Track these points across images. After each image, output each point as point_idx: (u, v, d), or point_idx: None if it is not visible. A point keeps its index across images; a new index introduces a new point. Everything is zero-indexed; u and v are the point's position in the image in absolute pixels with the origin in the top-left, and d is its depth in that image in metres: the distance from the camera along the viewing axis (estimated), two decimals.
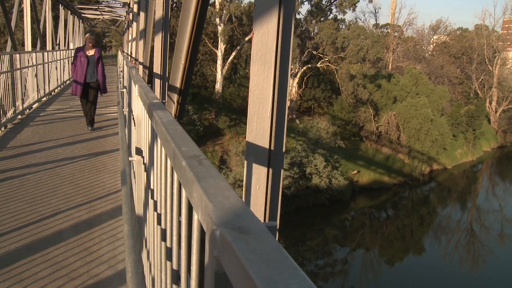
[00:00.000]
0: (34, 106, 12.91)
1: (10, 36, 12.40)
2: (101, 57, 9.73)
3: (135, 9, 17.11)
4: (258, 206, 2.14)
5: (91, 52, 9.55)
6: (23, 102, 11.43)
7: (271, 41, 2.04)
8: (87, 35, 9.75)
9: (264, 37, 2.04)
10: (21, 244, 4.19)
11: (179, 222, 1.46)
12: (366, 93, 39.63)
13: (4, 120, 9.47)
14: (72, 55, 11.55)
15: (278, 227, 2.31)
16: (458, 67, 57.62)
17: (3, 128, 9.39)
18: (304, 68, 41.54)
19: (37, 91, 13.34)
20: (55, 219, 4.77)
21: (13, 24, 13.89)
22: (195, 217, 1.05)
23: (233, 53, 40.30)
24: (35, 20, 16.63)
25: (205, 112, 38.59)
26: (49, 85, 15.50)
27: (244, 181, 2.16)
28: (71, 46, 28.79)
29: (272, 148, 2.12)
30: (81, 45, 9.93)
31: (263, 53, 2.05)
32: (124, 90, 7.40)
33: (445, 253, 29.51)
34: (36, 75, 13.19)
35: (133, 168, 4.02)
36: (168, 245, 1.70)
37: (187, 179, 1.05)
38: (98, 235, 4.41)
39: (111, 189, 5.70)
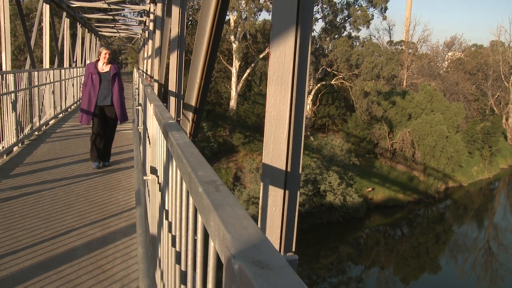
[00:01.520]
0: (51, 122, 13.05)
1: (29, 54, 12.62)
2: (118, 75, 7.79)
3: (151, 27, 17.36)
4: (274, 229, 2.11)
5: (105, 68, 7.68)
6: (40, 119, 11.56)
7: (288, 61, 2.02)
8: (101, 48, 7.87)
9: (281, 57, 2.03)
10: (35, 261, 4.18)
11: (195, 246, 1.43)
12: (380, 110, 39.46)
13: (21, 136, 9.57)
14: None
15: (294, 248, 2.27)
16: (474, 84, 57.21)
17: (20, 144, 9.48)
18: (319, 85, 41.58)
19: (53, 107, 13.50)
20: (69, 236, 4.76)
21: (32, 42, 14.14)
22: (211, 244, 1.02)
23: (248, 71, 40.54)
24: (54, 38, 16.92)
25: (219, 129, 38.72)
26: (65, 101, 15.69)
27: (260, 203, 2.13)
28: (87, 63, 29.20)
29: (289, 169, 2.09)
30: (95, 61, 7.90)
31: (280, 73, 2.04)
32: (139, 107, 7.46)
33: (462, 272, 28.95)
34: (53, 92, 13.37)
35: (147, 186, 4.01)
36: (183, 268, 1.67)
37: (204, 206, 1.02)
38: (112, 253, 4.39)
39: (125, 206, 5.69)
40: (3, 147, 8.39)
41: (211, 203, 0.96)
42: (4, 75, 8.77)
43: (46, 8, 15.48)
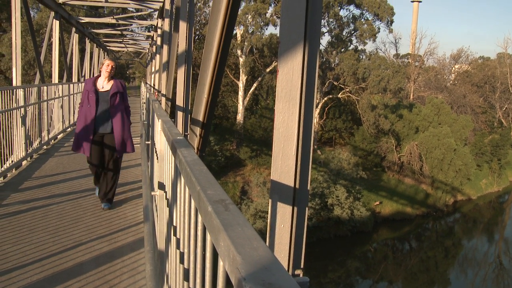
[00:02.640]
0: (59, 136, 13.13)
1: (39, 69, 12.76)
2: (121, 94, 6.21)
3: (159, 42, 17.51)
4: (282, 246, 2.10)
5: (105, 86, 6.15)
6: (48, 133, 11.64)
7: (296, 78, 2.03)
8: (105, 59, 6.52)
9: (289, 74, 2.04)
10: (42, 275, 4.19)
11: (203, 264, 1.43)
12: (387, 124, 39.40)
13: (30, 150, 9.64)
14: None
15: (302, 265, 2.26)
16: (481, 96, 57.05)
17: (29, 158, 9.54)
18: (325, 98, 41.63)
19: (62, 122, 13.59)
20: (77, 250, 4.76)
21: (42, 57, 14.30)
22: (221, 263, 1.02)
23: (255, 84, 40.73)
24: (63, 53, 17.11)
25: (226, 142, 38.81)
26: (74, 116, 15.81)
27: (268, 220, 2.13)
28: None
29: (297, 186, 2.09)
30: (97, 75, 6.43)
31: (288, 90, 2.05)
32: (147, 122, 7.48)
33: (472, 286, 28.58)
34: (61, 106, 13.47)
35: (155, 201, 4.01)
36: (191, 286, 1.66)
37: (213, 225, 1.02)
38: (119, 268, 4.38)
39: (132, 221, 5.69)
40: (12, 161, 8.45)
41: (220, 223, 0.96)
42: (14, 90, 8.86)
43: (56, 24, 15.68)
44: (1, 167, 7.83)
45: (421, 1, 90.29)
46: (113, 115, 6.05)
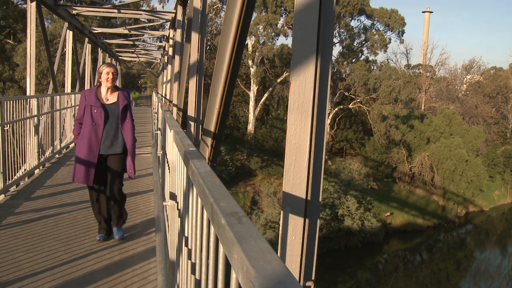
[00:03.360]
0: (71, 145, 13.22)
1: (52, 79, 12.91)
2: (129, 106, 5.28)
3: (170, 52, 17.63)
4: (294, 257, 2.10)
5: (111, 98, 5.21)
6: (61, 142, 11.74)
7: (308, 90, 2.05)
8: (102, 66, 5.30)
9: (301, 87, 2.05)
10: (54, 284, 4.20)
11: (215, 275, 1.43)
12: (398, 134, 39.24)
13: (42, 159, 9.72)
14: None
15: (313, 276, 2.26)
16: (493, 107, 56.59)
17: (41, 167, 9.62)
18: (336, 109, 41.60)
19: None
20: (88, 259, 4.78)
21: (55, 67, 14.48)
22: (234, 275, 1.02)
23: (266, 95, 40.86)
24: (76, 63, 17.31)
25: (237, 152, 38.88)
26: None
27: (280, 232, 2.13)
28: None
29: (309, 198, 2.09)
30: (96, 86, 5.39)
31: (300, 102, 2.06)
32: (159, 132, 7.51)
33: None
34: (74, 116, 13.59)
35: (166, 211, 4.02)
36: None
37: (227, 238, 1.03)
38: (130, 277, 4.38)
39: (143, 230, 5.70)
40: (25, 170, 8.53)
41: (234, 236, 0.97)
42: (28, 99, 8.97)
43: (70, 34, 15.88)
44: (14, 175, 7.90)
45: (432, 12, 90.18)
46: (124, 133, 5.18)
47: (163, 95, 21.64)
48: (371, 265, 31.69)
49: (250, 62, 39.20)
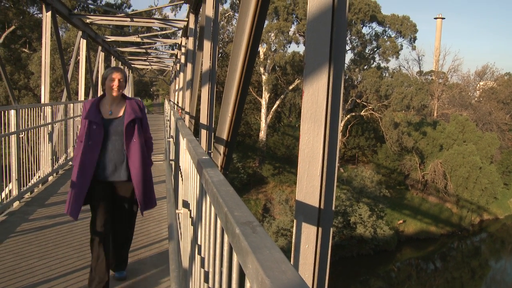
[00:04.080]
0: None
1: (66, 87, 13.04)
2: (141, 120, 4.26)
3: (182, 60, 17.74)
4: (307, 266, 2.10)
5: (116, 111, 4.18)
6: (74, 149, 11.84)
7: (322, 99, 2.05)
8: (108, 70, 4.23)
9: (315, 95, 2.06)
10: None
11: (229, 285, 1.44)
12: (411, 141, 39.01)
13: (56, 166, 9.82)
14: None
15: (326, 286, 2.25)
16: (507, 113, 55.98)
17: (55, 174, 9.71)
18: (348, 116, 41.51)
19: None
20: None
21: (69, 75, 14.64)
22: (248, 285, 1.03)
23: (277, 102, 40.93)
24: (89, 70, 17.49)
25: (249, 160, 38.91)
26: None
27: (293, 240, 2.14)
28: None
29: (322, 206, 2.10)
30: (98, 96, 4.36)
31: (314, 111, 2.07)
32: (171, 139, 7.54)
33: None
34: None
35: (179, 219, 4.03)
36: None
37: (241, 248, 1.04)
38: (143, 285, 4.40)
39: (156, 237, 5.72)
40: (39, 177, 8.62)
41: (249, 246, 0.97)
42: (43, 107, 9.08)
43: (83, 43, 16.07)
44: (29, 182, 7.99)
45: (444, 18, 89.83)
46: (129, 156, 4.08)
47: (175, 102, 21.77)
48: (384, 273, 31.43)
49: (261, 69, 39.32)
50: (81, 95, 16.22)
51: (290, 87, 40.54)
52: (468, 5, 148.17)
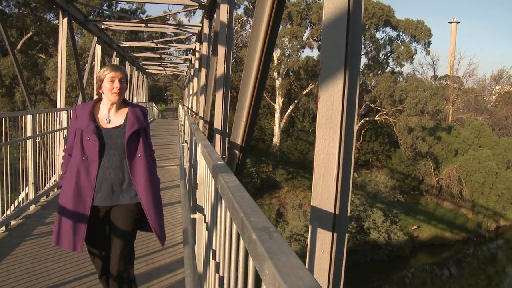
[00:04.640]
0: None
1: (81, 92, 13.20)
2: (144, 130, 3.39)
3: (196, 65, 17.83)
4: (322, 272, 2.10)
5: (115, 119, 3.36)
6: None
7: (337, 105, 2.06)
8: (104, 69, 3.33)
9: (330, 101, 2.06)
10: None
11: None
12: (425, 146, 38.67)
13: None
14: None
15: None
16: None
17: None
18: (362, 121, 41.32)
19: None
20: None
21: (84, 80, 14.80)
22: None
23: (291, 107, 40.92)
24: None
25: (262, 165, 38.90)
26: None
27: (308, 246, 2.13)
28: (134, 100, 30.18)
29: (337, 212, 2.09)
30: (93, 100, 3.51)
31: (329, 117, 2.07)
32: (185, 144, 7.56)
33: None
34: None
35: (194, 224, 4.04)
36: None
37: (258, 253, 1.04)
38: None
39: (170, 242, 5.73)
40: (54, 180, 8.70)
41: (265, 251, 0.98)
42: (59, 112, 9.18)
43: (98, 49, 16.24)
44: (44, 186, 8.07)
45: (459, 22, 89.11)
46: (133, 175, 3.27)
47: (190, 107, 21.88)
48: (398, 279, 31.13)
49: (275, 74, 39.36)
50: None
51: (304, 92, 40.51)
52: (483, 8, 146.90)
